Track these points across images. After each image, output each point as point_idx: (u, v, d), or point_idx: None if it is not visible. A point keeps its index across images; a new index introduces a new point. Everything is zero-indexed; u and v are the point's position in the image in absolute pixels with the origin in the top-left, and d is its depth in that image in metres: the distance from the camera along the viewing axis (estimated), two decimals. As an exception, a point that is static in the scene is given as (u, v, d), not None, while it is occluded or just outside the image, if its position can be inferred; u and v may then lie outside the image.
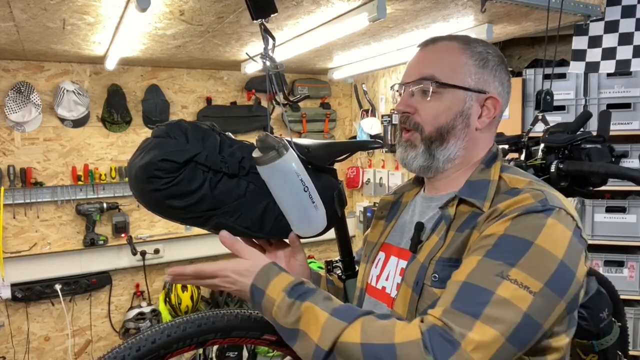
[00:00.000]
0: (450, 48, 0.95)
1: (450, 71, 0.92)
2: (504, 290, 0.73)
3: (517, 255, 0.75)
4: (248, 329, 1.01)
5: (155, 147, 0.90)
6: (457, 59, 0.93)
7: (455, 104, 0.92)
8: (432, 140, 0.93)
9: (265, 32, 1.10)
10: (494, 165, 0.93)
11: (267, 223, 0.99)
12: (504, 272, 0.74)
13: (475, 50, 0.94)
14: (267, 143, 0.92)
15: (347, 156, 1.15)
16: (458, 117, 0.92)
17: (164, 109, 3.32)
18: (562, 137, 1.30)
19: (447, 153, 0.93)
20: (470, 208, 0.88)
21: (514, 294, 0.73)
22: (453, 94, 0.92)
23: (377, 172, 3.83)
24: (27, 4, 1.85)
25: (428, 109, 0.93)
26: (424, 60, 0.96)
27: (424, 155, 0.94)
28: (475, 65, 0.93)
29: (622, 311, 1.82)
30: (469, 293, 0.75)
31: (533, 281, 0.74)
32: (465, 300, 0.74)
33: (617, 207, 2.72)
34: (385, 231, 1.08)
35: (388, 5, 1.88)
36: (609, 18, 2.37)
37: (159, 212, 0.94)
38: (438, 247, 0.88)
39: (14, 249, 3.00)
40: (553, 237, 0.77)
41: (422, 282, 0.87)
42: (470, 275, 0.76)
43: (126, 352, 0.91)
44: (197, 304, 3.31)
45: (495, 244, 0.78)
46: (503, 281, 0.74)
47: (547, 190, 0.84)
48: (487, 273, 0.75)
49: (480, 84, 0.93)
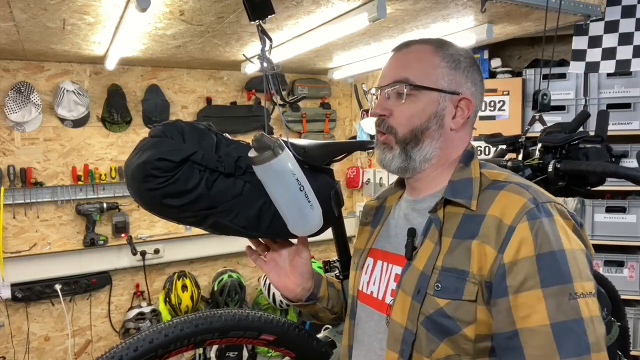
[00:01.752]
0: (423, 51, 0.97)
1: (423, 73, 0.94)
2: (584, 309, 0.77)
3: (565, 270, 0.78)
4: (245, 328, 1.01)
5: (152, 146, 0.90)
6: (429, 61, 0.95)
7: (429, 106, 0.94)
8: (407, 141, 0.95)
9: (262, 33, 1.10)
10: (472, 162, 0.95)
11: (264, 222, 0.99)
12: (571, 293, 0.77)
13: (447, 53, 0.96)
14: (262, 143, 0.92)
15: (344, 156, 1.15)
16: (432, 118, 0.94)
17: (164, 109, 3.32)
18: (559, 137, 1.30)
19: (423, 153, 0.95)
20: (458, 208, 0.89)
21: (590, 306, 0.78)
22: (427, 96, 0.94)
23: (377, 172, 3.83)
24: (27, 4, 1.85)
25: (402, 111, 0.95)
26: (397, 64, 0.98)
27: (400, 156, 0.96)
28: (448, 67, 0.95)
29: (623, 311, 1.82)
30: (563, 335, 0.76)
31: (587, 283, 0.79)
32: (567, 344, 0.76)
33: (617, 207, 2.72)
34: (372, 237, 1.08)
35: (388, 5, 1.88)
36: (609, 18, 2.37)
37: (156, 211, 0.94)
38: (435, 253, 0.88)
39: (14, 249, 3.00)
40: (568, 234, 0.82)
41: (425, 292, 0.87)
42: (550, 315, 0.77)
43: (124, 352, 0.91)
44: (197, 304, 3.31)
45: (540, 268, 0.79)
46: (577, 301, 0.77)
47: (527, 185, 0.88)
48: (561, 304, 0.77)
49: (453, 86, 0.95)
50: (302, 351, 1.21)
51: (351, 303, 1.08)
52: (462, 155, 0.97)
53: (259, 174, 0.96)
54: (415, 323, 0.86)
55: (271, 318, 1.15)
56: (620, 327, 1.72)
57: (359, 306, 1.05)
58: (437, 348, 0.84)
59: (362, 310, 1.04)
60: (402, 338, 0.88)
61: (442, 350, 0.84)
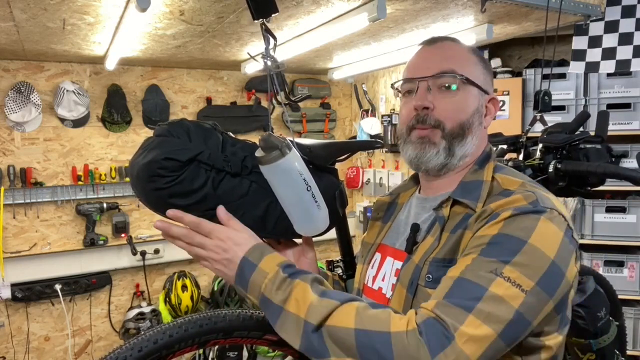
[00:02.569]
0: (459, 48, 0.97)
1: (468, 68, 0.93)
2: (497, 287, 0.74)
3: (511, 254, 0.76)
4: (250, 329, 1.01)
5: (158, 145, 0.90)
6: (469, 57, 0.95)
7: (474, 101, 0.94)
8: (454, 136, 0.92)
9: (266, 31, 1.10)
10: (487, 165, 0.94)
11: (270, 222, 0.99)
12: (498, 269, 0.75)
13: (478, 53, 0.97)
14: (270, 142, 0.92)
15: (348, 156, 1.15)
16: (475, 113, 0.94)
17: (164, 109, 3.32)
18: (560, 137, 1.31)
19: (464, 149, 0.93)
20: (464, 209, 0.89)
21: (507, 291, 0.74)
22: (471, 91, 0.93)
23: (377, 172, 3.83)
24: (27, 4, 1.85)
25: (450, 104, 0.92)
26: (437, 56, 0.95)
27: (444, 152, 0.92)
28: (482, 67, 0.96)
29: (620, 310, 1.82)
30: (462, 288, 0.75)
31: (525, 280, 0.75)
32: (459, 294, 0.75)
33: (617, 207, 2.72)
34: (382, 232, 1.08)
35: (388, 5, 1.88)
36: (609, 18, 2.37)
37: (161, 211, 0.93)
38: (433, 248, 0.89)
39: (14, 249, 3.00)
40: (545, 237, 0.78)
41: (417, 283, 0.87)
42: (464, 271, 0.77)
43: (128, 353, 0.91)
44: (197, 304, 3.31)
45: (489, 242, 0.79)
46: (496, 278, 0.74)
47: (538, 192, 0.85)
48: (481, 270, 0.76)
49: (486, 85, 0.96)
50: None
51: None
52: (479, 156, 0.96)
53: (266, 173, 0.95)
54: None
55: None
56: (618, 326, 1.73)
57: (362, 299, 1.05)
58: None
59: None
60: None
61: None
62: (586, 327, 1.34)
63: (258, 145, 0.95)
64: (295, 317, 0.79)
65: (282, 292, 0.81)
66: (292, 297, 0.80)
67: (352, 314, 0.76)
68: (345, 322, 0.75)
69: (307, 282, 0.82)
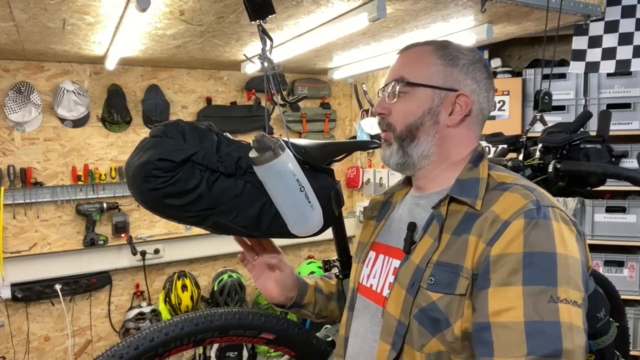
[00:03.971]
0: (422, 51, 0.99)
1: (417, 72, 0.97)
2: (564, 314, 0.75)
3: (552, 272, 0.77)
4: (245, 327, 1.02)
5: (153, 146, 0.90)
6: (425, 60, 0.98)
7: (423, 102, 0.96)
8: (403, 138, 0.97)
9: (263, 32, 1.11)
10: (481, 163, 0.96)
11: (264, 222, 0.99)
12: (553, 296, 0.76)
13: (446, 52, 0.98)
14: (263, 143, 0.92)
15: (345, 156, 1.16)
16: (426, 114, 0.96)
17: (164, 109, 3.32)
18: (560, 137, 1.31)
19: (420, 149, 0.97)
20: (462, 207, 0.90)
21: (572, 314, 0.75)
22: (420, 93, 0.96)
23: (377, 172, 3.83)
24: (27, 4, 1.85)
25: (398, 109, 0.98)
26: (397, 64, 1.02)
27: (398, 152, 0.98)
28: (444, 65, 0.97)
29: (623, 311, 1.82)
30: (538, 333, 0.74)
31: (575, 292, 0.77)
32: (541, 342, 0.74)
33: (617, 207, 2.72)
34: (376, 231, 1.09)
35: (388, 5, 1.88)
36: (609, 18, 2.37)
37: (157, 211, 0.94)
38: (433, 249, 0.89)
39: (14, 249, 3.00)
40: (565, 241, 0.80)
41: (419, 285, 0.87)
42: (526, 313, 0.76)
43: (124, 351, 0.91)
44: (197, 304, 3.31)
45: (525, 266, 0.78)
46: (558, 305, 0.75)
47: (534, 189, 0.87)
48: (539, 304, 0.75)
49: (450, 83, 0.96)
50: (301, 350, 1.21)
51: (351, 296, 1.09)
52: (471, 155, 0.98)
53: (260, 174, 0.96)
54: (408, 316, 0.87)
55: (271, 317, 1.16)
56: (619, 326, 1.72)
57: (357, 299, 1.06)
58: (428, 343, 0.84)
59: (360, 303, 1.05)
60: (394, 330, 0.89)
61: (434, 345, 0.84)
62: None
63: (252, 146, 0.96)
64: None
65: None
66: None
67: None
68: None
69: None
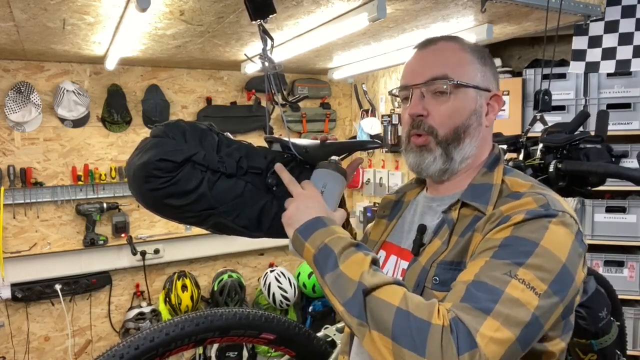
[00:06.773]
0: (453, 47, 0.94)
1: (460, 70, 0.91)
2: (513, 289, 0.73)
3: (524, 256, 0.75)
4: (246, 327, 1.01)
5: (154, 146, 0.90)
6: (463, 57, 0.93)
7: (469, 103, 0.92)
8: (449, 142, 0.92)
9: (263, 32, 1.11)
10: (497, 168, 0.93)
11: (265, 222, 0.99)
12: (512, 272, 0.74)
13: (474, 49, 0.95)
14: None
15: (345, 156, 1.15)
16: (472, 115, 0.92)
17: (164, 109, 3.32)
18: (561, 137, 1.31)
19: (463, 153, 0.92)
20: (472, 211, 0.89)
21: (522, 294, 0.73)
22: (466, 93, 0.92)
23: (377, 172, 3.83)
24: (27, 4, 1.85)
25: (443, 110, 0.91)
26: (429, 61, 0.94)
27: (442, 158, 0.92)
28: (479, 63, 0.94)
29: (621, 310, 1.82)
30: (478, 290, 0.74)
31: (539, 282, 0.74)
32: (475, 296, 0.74)
33: (617, 207, 2.72)
34: (387, 230, 1.08)
35: (388, 5, 1.88)
36: (609, 18, 2.37)
37: (158, 211, 0.94)
38: (441, 251, 0.88)
39: (14, 249, 3.00)
40: (557, 240, 0.78)
41: (423, 285, 0.87)
42: (478, 274, 0.76)
43: (125, 351, 0.91)
44: (197, 304, 3.31)
45: (502, 245, 0.78)
46: (512, 280, 0.74)
47: (548, 194, 0.84)
48: (495, 272, 0.75)
49: (485, 82, 0.94)
50: (302, 350, 1.21)
51: None
52: (487, 158, 0.95)
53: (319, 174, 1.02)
54: None
55: (271, 317, 1.15)
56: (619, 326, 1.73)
57: None
58: None
59: None
60: None
61: None
62: (587, 327, 1.34)
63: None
64: (349, 278, 0.79)
65: (345, 254, 0.82)
66: (351, 260, 0.80)
67: (399, 294, 0.75)
68: (391, 298, 0.75)
69: (369, 257, 0.82)
